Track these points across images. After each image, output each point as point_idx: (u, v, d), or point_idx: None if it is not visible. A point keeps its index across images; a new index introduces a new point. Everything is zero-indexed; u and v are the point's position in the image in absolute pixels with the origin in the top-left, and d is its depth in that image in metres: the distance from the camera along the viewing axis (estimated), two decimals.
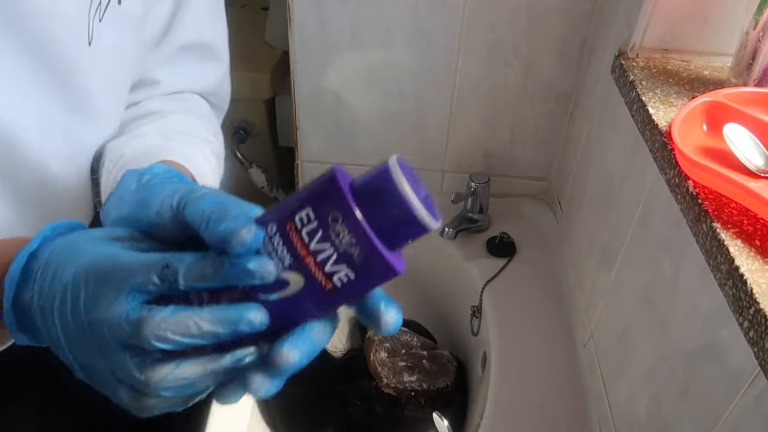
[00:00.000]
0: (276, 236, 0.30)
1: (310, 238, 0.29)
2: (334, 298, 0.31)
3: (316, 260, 0.30)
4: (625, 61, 0.72)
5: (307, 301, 0.31)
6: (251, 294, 0.30)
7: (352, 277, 0.30)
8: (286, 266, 0.30)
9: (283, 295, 0.30)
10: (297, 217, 0.30)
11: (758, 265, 0.43)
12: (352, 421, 0.92)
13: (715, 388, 0.51)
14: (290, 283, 0.30)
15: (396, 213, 0.29)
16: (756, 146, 0.53)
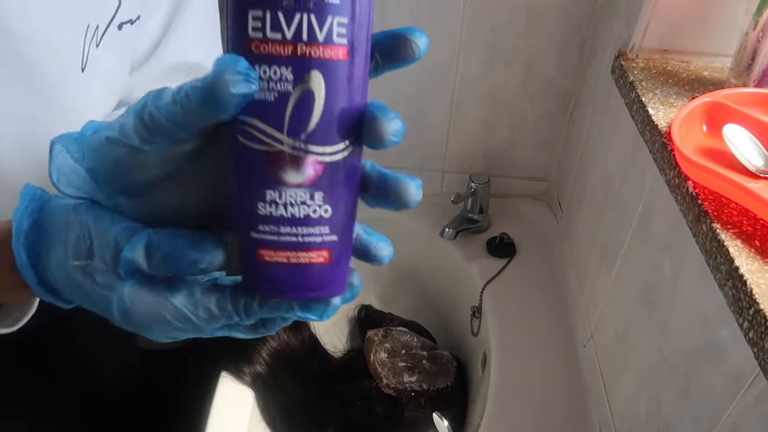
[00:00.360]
0: (258, 69, 0.25)
1: (279, 32, 0.25)
2: (355, 60, 0.26)
3: (306, 40, 0.25)
4: (625, 62, 0.72)
5: (341, 87, 0.26)
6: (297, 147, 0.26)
7: (344, 20, 0.25)
8: (293, 80, 0.25)
9: (320, 108, 0.26)
10: (251, 32, 0.25)
11: (758, 266, 0.43)
12: (352, 421, 0.93)
13: (715, 389, 0.51)
14: (312, 90, 0.25)
15: None
16: (756, 147, 0.53)
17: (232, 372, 0.82)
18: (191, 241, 0.28)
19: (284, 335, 0.88)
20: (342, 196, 0.27)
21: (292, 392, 0.88)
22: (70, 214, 0.30)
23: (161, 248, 0.27)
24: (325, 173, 0.27)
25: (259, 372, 0.83)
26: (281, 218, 0.27)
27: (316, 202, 0.27)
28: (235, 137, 0.26)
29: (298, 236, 0.27)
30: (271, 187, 0.26)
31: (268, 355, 0.85)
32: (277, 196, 0.26)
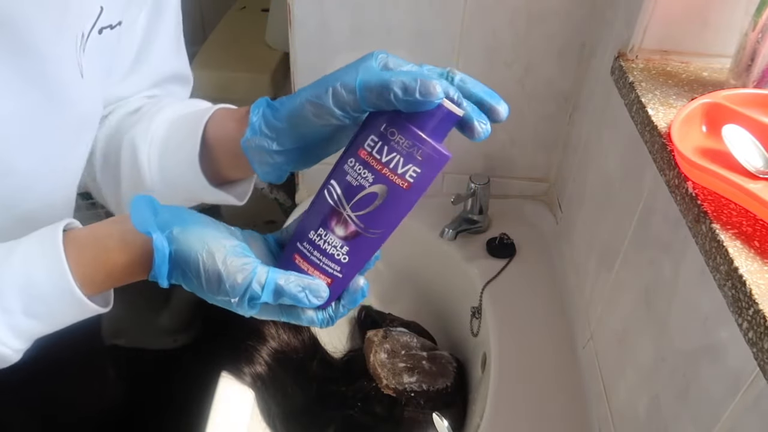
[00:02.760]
0: (356, 165, 0.40)
1: (380, 155, 0.40)
2: (412, 193, 0.41)
3: (390, 168, 0.40)
4: (624, 63, 0.72)
5: (394, 203, 0.41)
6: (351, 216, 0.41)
7: (419, 171, 0.40)
8: (371, 183, 0.40)
9: (377, 205, 0.41)
10: (366, 145, 0.40)
11: (757, 266, 0.43)
12: (352, 422, 0.92)
13: (715, 389, 0.51)
14: (378, 194, 0.40)
15: (431, 111, 0.39)
16: (755, 148, 0.53)
17: (232, 372, 0.82)
18: (305, 285, 0.42)
19: (284, 336, 0.88)
20: (359, 255, 0.43)
21: (292, 393, 0.88)
22: (199, 258, 0.41)
23: (285, 294, 0.41)
24: (357, 239, 0.42)
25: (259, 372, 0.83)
26: (318, 246, 0.43)
27: (342, 250, 0.43)
28: (322, 190, 0.42)
29: (321, 261, 0.43)
30: (323, 227, 0.42)
31: (268, 356, 0.85)
32: (323, 234, 0.43)
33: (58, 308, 0.42)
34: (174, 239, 0.41)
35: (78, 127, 0.52)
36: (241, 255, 0.42)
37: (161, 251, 0.41)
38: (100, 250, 0.43)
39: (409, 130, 0.39)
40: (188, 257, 0.41)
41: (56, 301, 0.42)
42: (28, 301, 0.41)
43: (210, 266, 0.41)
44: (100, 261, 0.42)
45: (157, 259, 0.41)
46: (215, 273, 0.41)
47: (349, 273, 0.44)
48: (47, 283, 0.41)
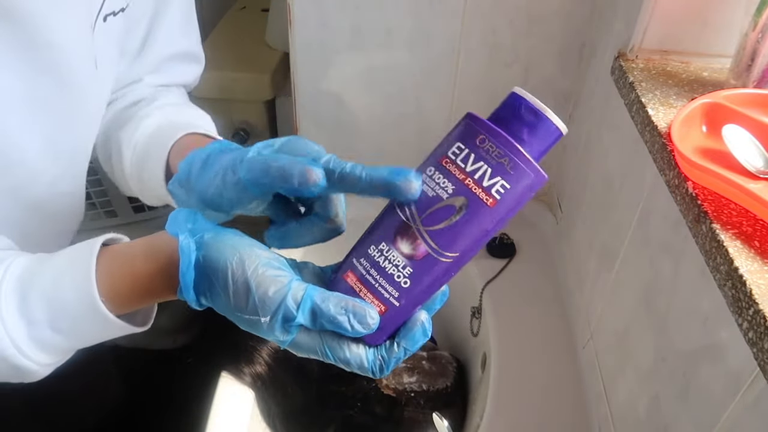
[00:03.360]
0: (435, 173, 0.35)
1: (464, 164, 0.34)
2: (495, 213, 0.34)
3: (475, 179, 0.34)
4: (624, 63, 0.72)
5: (474, 221, 0.34)
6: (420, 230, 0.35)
7: (508, 186, 0.34)
8: (450, 194, 0.34)
9: (453, 221, 0.34)
10: (450, 152, 0.35)
11: (757, 266, 0.43)
12: (352, 422, 0.93)
13: (715, 389, 0.51)
14: (456, 207, 0.34)
15: (531, 122, 0.35)
16: (755, 147, 0.53)
17: (232, 372, 0.82)
18: (349, 308, 0.35)
19: None
20: (423, 282, 0.36)
21: (292, 393, 0.88)
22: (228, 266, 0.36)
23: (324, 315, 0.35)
24: (424, 260, 0.35)
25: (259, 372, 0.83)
26: (376, 263, 0.36)
27: (404, 271, 0.36)
28: (392, 201, 0.37)
29: (376, 282, 0.36)
30: (386, 241, 0.36)
31: (268, 356, 0.85)
32: (386, 250, 0.36)
33: (82, 323, 0.39)
34: (204, 245, 0.37)
35: (90, 117, 0.53)
36: (276, 268, 0.36)
37: (186, 254, 0.36)
38: (127, 258, 0.40)
39: (503, 139, 0.34)
40: (217, 264, 0.36)
41: (80, 315, 0.39)
42: (53, 314, 0.39)
43: (239, 276, 0.35)
44: (125, 271, 0.39)
45: (182, 265, 0.36)
46: (244, 284, 0.35)
47: (409, 303, 0.37)
48: (72, 296, 0.38)
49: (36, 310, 0.38)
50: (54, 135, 0.49)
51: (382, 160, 1.05)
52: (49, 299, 0.38)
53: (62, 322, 0.39)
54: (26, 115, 0.45)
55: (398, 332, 0.38)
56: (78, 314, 0.38)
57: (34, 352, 0.39)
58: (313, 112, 1.08)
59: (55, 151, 0.50)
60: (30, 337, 0.39)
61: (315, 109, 1.08)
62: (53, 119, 0.48)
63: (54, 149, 0.49)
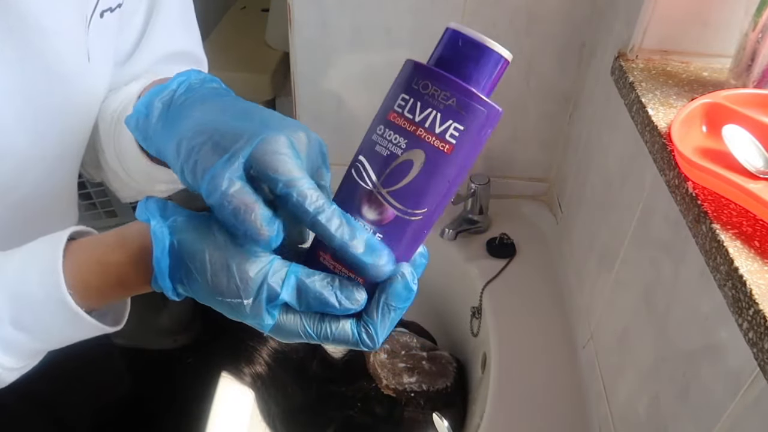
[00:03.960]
0: (385, 131, 0.33)
1: (412, 114, 0.32)
2: (456, 157, 0.32)
3: (425, 128, 0.32)
4: (624, 63, 0.72)
5: (435, 171, 0.33)
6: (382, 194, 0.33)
7: (462, 128, 0.32)
8: (404, 148, 0.32)
9: (413, 176, 0.33)
10: (396, 105, 0.33)
11: (757, 266, 0.43)
12: (352, 422, 0.93)
13: (715, 389, 0.51)
14: (413, 161, 0.33)
15: (473, 55, 0.32)
16: (755, 148, 0.53)
17: (232, 372, 0.82)
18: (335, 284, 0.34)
19: None
20: (398, 245, 0.34)
21: (292, 393, 0.88)
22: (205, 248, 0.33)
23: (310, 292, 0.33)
24: (392, 223, 0.34)
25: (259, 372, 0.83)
26: None
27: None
28: (350, 170, 0.35)
29: None
30: (352, 211, 0.34)
31: (268, 356, 0.85)
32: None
33: (48, 319, 0.36)
34: (177, 229, 0.34)
35: (81, 112, 0.50)
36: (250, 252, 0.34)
37: (160, 239, 0.34)
38: (96, 249, 0.36)
39: (445, 79, 0.32)
40: (193, 248, 0.33)
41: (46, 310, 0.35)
42: (16, 310, 0.35)
43: (217, 258, 0.33)
44: (94, 261, 0.36)
45: (155, 251, 0.34)
46: (223, 266, 0.33)
47: None
48: (37, 289, 0.35)
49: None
50: (42, 128, 0.47)
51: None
52: (11, 293, 0.35)
53: (26, 318, 0.36)
54: (14, 104, 0.44)
55: (378, 289, 0.35)
56: (44, 309, 0.35)
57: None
58: (313, 112, 1.08)
59: (42, 146, 0.48)
60: None
61: (315, 109, 1.08)
62: (41, 110, 0.46)
63: (42, 143, 0.48)
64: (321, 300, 0.33)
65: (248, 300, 0.33)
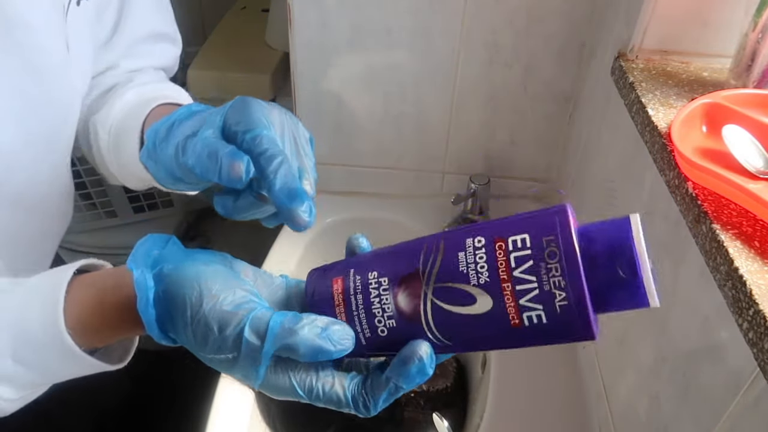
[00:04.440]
0: (481, 249, 0.28)
1: (516, 264, 0.27)
2: (513, 336, 0.28)
3: (514, 289, 0.27)
4: (624, 63, 0.72)
5: (485, 326, 0.28)
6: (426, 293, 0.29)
7: (543, 321, 0.28)
8: (480, 284, 0.28)
9: (463, 312, 0.28)
10: (510, 238, 0.27)
11: (758, 266, 0.43)
12: (352, 422, 0.92)
13: (715, 389, 0.51)
14: (477, 302, 0.28)
15: (620, 273, 0.26)
16: (755, 148, 0.53)
17: None
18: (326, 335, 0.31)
19: None
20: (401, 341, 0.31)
21: None
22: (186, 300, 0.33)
23: (300, 348, 0.31)
24: (411, 326, 0.31)
25: None
26: (367, 292, 0.32)
27: (387, 321, 0.31)
28: (421, 241, 0.32)
29: (357, 310, 0.32)
30: (390, 279, 0.31)
31: None
32: (383, 287, 0.31)
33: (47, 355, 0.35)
34: (164, 278, 0.33)
35: (64, 103, 0.50)
36: (240, 299, 0.33)
37: (143, 291, 0.33)
38: (97, 289, 0.36)
39: (574, 267, 0.27)
40: (176, 300, 0.32)
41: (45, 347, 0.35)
42: (16, 343, 0.35)
43: (197, 313, 0.32)
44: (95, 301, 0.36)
45: (139, 303, 0.33)
46: (203, 322, 0.32)
47: (373, 351, 0.33)
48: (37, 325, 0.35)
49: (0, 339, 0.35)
50: (26, 119, 0.46)
51: (381, 161, 1.04)
52: (12, 327, 0.35)
53: (26, 353, 0.35)
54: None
55: (390, 365, 0.32)
56: (44, 346, 0.35)
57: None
58: (313, 112, 1.08)
59: (28, 139, 0.48)
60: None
61: (315, 109, 1.08)
62: (24, 102, 0.46)
63: (27, 136, 0.47)
64: (309, 346, 0.31)
65: (232, 355, 0.32)
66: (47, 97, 0.48)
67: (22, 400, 0.39)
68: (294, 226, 0.34)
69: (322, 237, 1.06)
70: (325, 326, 0.31)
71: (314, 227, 1.23)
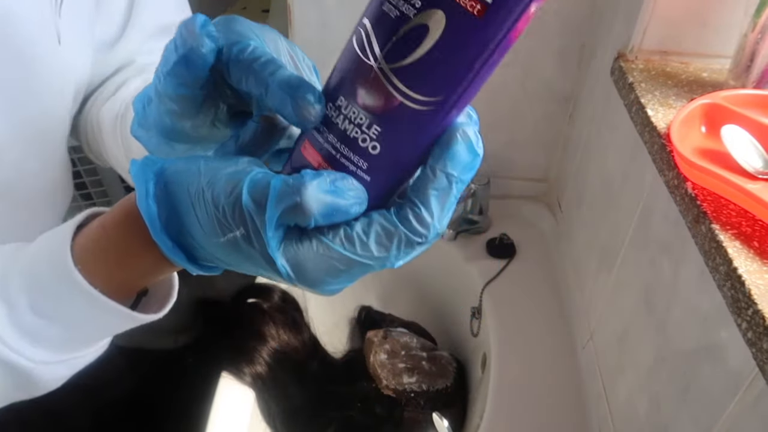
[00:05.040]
0: None
1: None
2: (489, 26, 0.22)
3: None
4: (624, 63, 0.72)
5: (458, 42, 0.23)
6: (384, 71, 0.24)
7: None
8: (418, 9, 0.23)
9: (425, 50, 0.23)
10: None
11: (757, 266, 0.43)
12: (352, 422, 0.93)
13: (714, 389, 0.51)
14: (429, 27, 0.23)
15: None
16: (754, 148, 0.53)
17: (232, 372, 0.82)
18: (334, 181, 0.26)
19: (284, 336, 0.88)
20: (400, 146, 0.25)
21: (292, 393, 0.88)
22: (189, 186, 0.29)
23: (311, 205, 0.26)
24: (394, 112, 0.25)
25: (259, 372, 0.83)
26: (334, 126, 0.26)
27: (370, 132, 0.25)
28: (350, 38, 0.26)
29: (337, 152, 0.26)
30: (344, 93, 0.26)
31: (268, 356, 0.85)
32: (344, 106, 0.26)
33: (62, 300, 0.33)
34: (164, 172, 0.30)
35: (54, 94, 0.50)
36: (242, 163, 0.28)
37: (142, 182, 0.29)
38: (100, 220, 0.34)
39: None
40: (177, 188, 0.29)
41: (58, 290, 0.33)
42: (32, 294, 0.33)
43: (196, 188, 0.28)
44: (97, 225, 0.33)
45: (138, 195, 0.29)
46: (202, 195, 0.28)
47: (381, 178, 0.26)
48: (46, 267, 0.33)
49: (15, 291, 0.33)
50: (15, 111, 0.46)
51: None
52: (26, 277, 0.33)
53: (43, 302, 0.33)
54: None
55: (432, 155, 0.26)
56: (55, 288, 0.33)
57: (21, 344, 0.34)
58: None
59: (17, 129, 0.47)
60: (12, 323, 0.33)
61: None
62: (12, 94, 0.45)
63: (16, 127, 0.47)
64: (327, 205, 0.26)
65: (240, 231, 0.27)
66: (36, 89, 0.47)
67: (65, 367, 0.36)
68: (301, 121, 0.27)
69: None
70: (334, 180, 0.26)
71: None
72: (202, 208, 0.28)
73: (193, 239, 0.30)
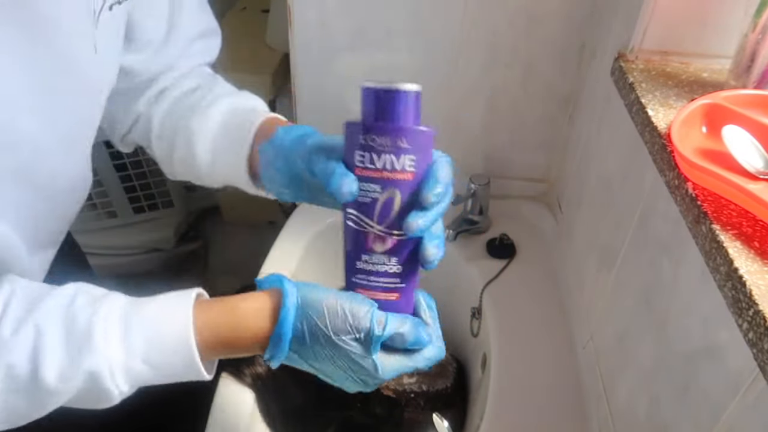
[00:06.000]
0: (362, 184, 0.42)
1: (373, 164, 0.42)
2: (418, 176, 0.43)
3: (388, 169, 0.42)
4: (624, 64, 0.72)
5: (410, 194, 0.43)
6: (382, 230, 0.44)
7: (414, 157, 0.42)
8: (380, 192, 0.42)
9: (397, 209, 0.43)
10: (357, 162, 0.43)
11: (757, 267, 0.43)
12: (352, 422, 0.93)
13: (714, 390, 0.51)
14: (393, 198, 0.42)
15: (391, 100, 0.41)
16: (755, 148, 0.53)
17: (232, 372, 0.82)
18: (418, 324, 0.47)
19: None
20: (408, 259, 0.45)
21: (292, 393, 0.88)
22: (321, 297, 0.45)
23: (407, 338, 0.45)
24: (397, 246, 0.44)
25: (259, 373, 0.83)
26: (370, 271, 0.45)
27: (391, 263, 0.45)
28: (346, 221, 0.44)
29: (380, 283, 0.45)
30: (365, 252, 0.44)
31: None
32: (368, 258, 0.44)
33: (176, 366, 0.45)
34: (299, 288, 0.46)
35: (89, 99, 0.54)
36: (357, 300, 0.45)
37: (290, 293, 0.45)
38: (228, 301, 0.47)
39: (385, 129, 0.41)
40: (313, 302, 0.45)
41: (174, 356, 0.45)
42: (149, 347, 0.44)
43: (332, 306, 0.44)
44: (227, 308, 0.47)
45: (286, 302, 0.44)
46: (341, 310, 0.44)
47: (409, 278, 0.46)
48: (171, 338, 0.45)
49: (135, 341, 0.44)
50: (54, 114, 0.50)
51: None
52: (147, 333, 0.44)
53: (155, 355, 0.45)
54: (28, 93, 0.46)
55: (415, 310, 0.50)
56: (171, 352, 0.45)
57: (121, 380, 0.45)
58: (314, 113, 1.08)
59: (55, 131, 0.51)
60: (124, 365, 0.44)
61: (315, 110, 1.08)
62: (52, 98, 0.49)
63: (55, 129, 0.50)
64: (417, 338, 0.45)
65: (359, 335, 0.43)
66: (74, 93, 0.51)
67: (123, 395, 0.47)
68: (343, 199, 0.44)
69: (322, 237, 1.06)
70: (417, 324, 0.46)
71: (314, 227, 1.23)
72: (340, 319, 0.44)
73: (308, 335, 0.46)
